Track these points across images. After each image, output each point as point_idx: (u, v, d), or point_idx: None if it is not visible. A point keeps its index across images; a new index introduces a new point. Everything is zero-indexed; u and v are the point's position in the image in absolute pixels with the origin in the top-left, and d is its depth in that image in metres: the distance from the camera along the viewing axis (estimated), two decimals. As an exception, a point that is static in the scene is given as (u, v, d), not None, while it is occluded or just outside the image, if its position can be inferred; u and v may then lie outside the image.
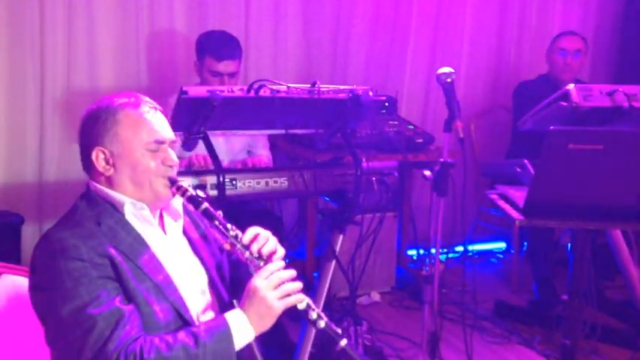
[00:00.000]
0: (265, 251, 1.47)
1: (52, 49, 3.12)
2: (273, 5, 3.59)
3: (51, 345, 1.42)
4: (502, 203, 1.73)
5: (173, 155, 1.51)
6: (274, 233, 1.74)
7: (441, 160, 1.80)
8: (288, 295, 1.41)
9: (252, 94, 2.07)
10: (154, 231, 1.51)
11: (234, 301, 1.46)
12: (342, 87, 2.21)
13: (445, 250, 3.92)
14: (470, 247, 4.00)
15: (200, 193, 1.51)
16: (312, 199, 3.08)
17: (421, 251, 3.73)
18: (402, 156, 3.03)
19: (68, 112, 3.23)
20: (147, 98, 1.54)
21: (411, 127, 3.43)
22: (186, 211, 1.61)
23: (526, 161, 2.73)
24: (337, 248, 2.37)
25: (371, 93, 2.23)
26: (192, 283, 1.52)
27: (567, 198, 1.56)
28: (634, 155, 1.47)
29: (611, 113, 2.42)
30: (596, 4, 4.36)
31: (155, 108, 1.53)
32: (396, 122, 3.39)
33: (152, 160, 1.47)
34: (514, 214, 1.65)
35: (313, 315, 1.43)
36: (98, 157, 1.46)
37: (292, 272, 1.44)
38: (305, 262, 3.40)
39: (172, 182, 1.48)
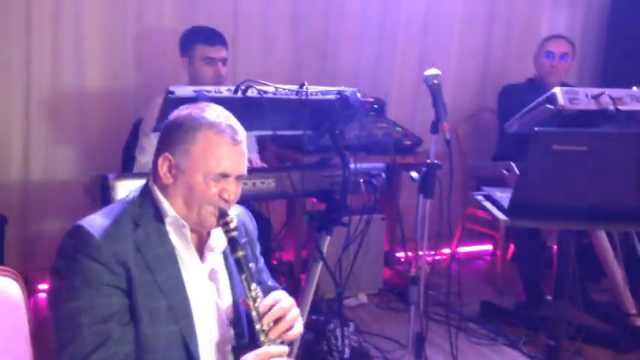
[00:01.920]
0: (277, 330, 1.42)
1: (39, 49, 3.12)
2: (263, 4, 3.59)
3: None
4: (488, 204, 1.74)
5: (233, 190, 1.45)
6: (261, 234, 1.73)
7: (428, 161, 1.80)
8: None
9: (239, 94, 2.07)
10: (189, 252, 1.47)
11: None
12: (330, 88, 2.21)
13: (432, 253, 3.96)
14: (457, 249, 4.01)
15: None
16: (299, 201, 3.08)
17: (409, 253, 3.73)
18: (390, 158, 3.03)
19: (55, 112, 3.22)
20: (238, 127, 1.46)
21: (400, 129, 3.44)
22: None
23: (512, 163, 2.76)
24: (324, 249, 2.37)
25: (359, 94, 2.24)
26: (209, 314, 1.48)
27: (552, 199, 1.57)
28: (618, 156, 1.49)
29: (596, 116, 2.45)
30: (583, 8, 4.40)
31: (238, 141, 1.45)
32: (384, 124, 3.40)
33: (212, 187, 1.43)
34: (499, 215, 1.66)
35: None
36: (163, 163, 1.44)
37: None
38: (292, 264, 3.40)
39: (222, 215, 1.44)
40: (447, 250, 3.96)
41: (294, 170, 2.26)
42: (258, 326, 1.41)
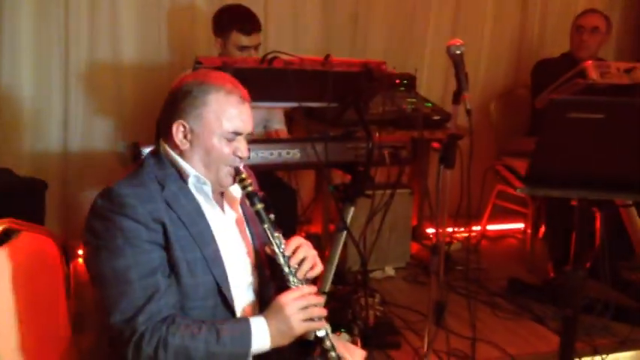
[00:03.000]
0: (302, 270, 1.53)
1: (76, 23, 3.22)
2: (294, -19, 3.61)
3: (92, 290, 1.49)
4: (506, 173, 1.75)
5: (245, 148, 1.55)
6: (288, 205, 1.79)
7: (449, 132, 1.82)
8: (312, 319, 1.47)
9: (265, 65, 2.12)
10: (211, 206, 1.56)
11: None
12: (355, 60, 2.24)
13: (462, 229, 3.96)
14: (488, 227, 3.99)
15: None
16: (326, 173, 3.11)
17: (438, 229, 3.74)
18: (418, 132, 3.03)
19: (91, 84, 3.33)
20: (242, 87, 1.55)
21: (429, 104, 3.43)
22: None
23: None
24: (348, 220, 2.41)
25: (385, 67, 2.26)
26: (238, 262, 1.58)
27: (569, 167, 1.57)
28: (636, 125, 1.47)
29: (626, 90, 2.41)
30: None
31: (245, 99, 1.55)
32: (414, 100, 3.40)
33: (226, 147, 1.52)
34: (516, 182, 1.67)
35: (327, 344, 1.50)
36: (178, 130, 1.51)
37: (321, 299, 1.49)
38: (320, 237, 3.44)
39: (237, 173, 1.54)
40: (477, 227, 3.95)
41: (319, 141, 2.30)
42: (286, 269, 1.51)
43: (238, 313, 1.54)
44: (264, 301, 1.60)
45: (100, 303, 1.44)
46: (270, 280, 1.64)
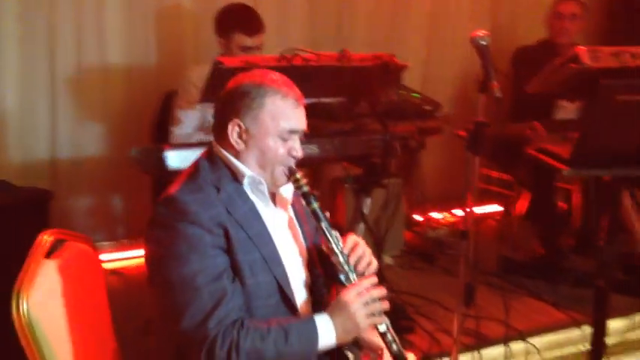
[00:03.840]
0: (361, 266, 1.56)
1: (62, 27, 3.16)
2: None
3: (156, 298, 1.49)
4: (544, 157, 1.85)
5: (299, 147, 1.57)
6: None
7: (476, 120, 1.90)
8: (374, 314, 1.49)
9: (284, 62, 2.14)
10: (266, 205, 1.57)
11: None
12: (367, 54, 2.29)
13: (446, 214, 4.09)
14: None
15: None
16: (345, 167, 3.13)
17: (429, 214, 3.87)
18: (413, 123, 3.11)
19: (79, 89, 3.27)
20: (296, 89, 1.57)
21: (417, 95, 3.51)
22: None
23: (536, 123, 2.87)
24: (366, 211, 2.47)
25: (396, 60, 2.32)
26: (293, 259, 1.60)
27: (615, 148, 1.67)
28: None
29: (617, 73, 2.55)
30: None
31: (300, 101, 1.57)
32: (402, 91, 3.47)
33: (281, 147, 1.53)
34: (561, 166, 1.76)
35: (389, 337, 1.53)
36: (233, 130, 1.52)
37: (383, 291, 1.50)
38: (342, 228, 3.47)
39: (291, 173, 1.56)
40: (460, 211, 4.09)
41: (336, 136, 2.35)
42: (346, 266, 1.53)
43: (299, 309, 1.57)
44: (316, 298, 1.63)
45: (167, 310, 1.45)
46: (322, 276, 1.67)
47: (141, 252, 3.44)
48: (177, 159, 2.15)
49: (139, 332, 2.49)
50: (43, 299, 1.45)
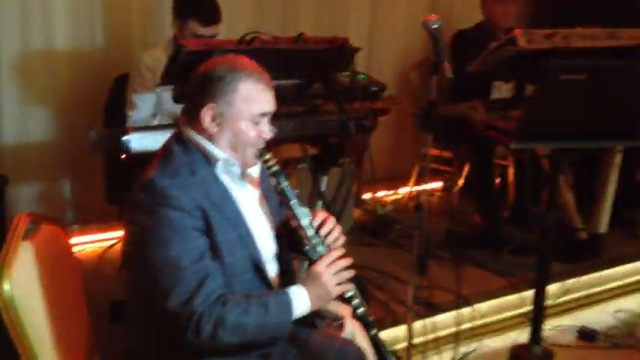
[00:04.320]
0: (330, 239, 1.66)
1: (6, 11, 3.08)
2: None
3: (135, 279, 1.56)
4: (493, 133, 2.00)
5: (269, 130, 1.63)
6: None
7: (429, 98, 2.02)
8: (343, 282, 1.60)
9: (244, 45, 2.20)
10: (237, 185, 1.64)
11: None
12: (323, 37, 2.37)
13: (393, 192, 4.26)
14: (414, 188, 4.31)
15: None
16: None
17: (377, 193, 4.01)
18: (363, 104, 3.22)
19: (25, 74, 3.20)
20: (265, 73, 1.62)
21: (363, 76, 3.62)
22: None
23: (478, 102, 3.05)
24: (323, 189, 2.57)
25: (351, 42, 2.42)
26: (265, 235, 1.68)
27: (556, 124, 1.84)
28: (611, 83, 1.77)
29: (549, 54, 2.75)
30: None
31: (269, 84, 1.62)
32: (349, 73, 3.57)
33: (252, 130, 1.60)
34: (508, 140, 1.92)
35: (356, 302, 1.64)
36: (207, 114, 1.57)
37: (349, 261, 1.61)
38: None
39: (261, 154, 1.63)
40: (405, 189, 4.27)
41: (293, 116, 2.43)
42: (316, 239, 1.64)
43: (270, 281, 1.66)
44: (283, 269, 1.73)
45: (153, 291, 1.50)
46: (288, 249, 1.76)
47: (91, 237, 3.46)
48: (139, 142, 2.17)
49: (103, 317, 2.51)
50: (24, 280, 1.48)
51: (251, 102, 1.58)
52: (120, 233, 3.29)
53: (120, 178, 2.58)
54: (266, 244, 1.69)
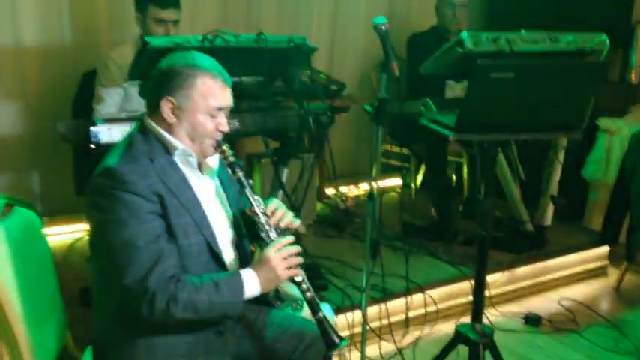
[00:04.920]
0: (282, 224, 1.78)
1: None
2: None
3: (96, 259, 1.66)
4: (435, 125, 2.17)
5: (226, 123, 1.74)
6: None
7: (379, 96, 2.18)
8: (292, 267, 1.71)
9: (208, 43, 2.33)
10: (195, 174, 1.75)
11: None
12: (282, 36, 2.51)
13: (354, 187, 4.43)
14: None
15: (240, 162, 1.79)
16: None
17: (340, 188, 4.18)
18: (322, 102, 3.37)
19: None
20: (223, 69, 1.73)
21: (324, 75, 3.78)
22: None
23: (429, 99, 3.22)
24: (284, 179, 2.72)
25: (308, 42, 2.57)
26: (221, 221, 1.79)
27: (489, 117, 2.03)
28: (537, 80, 1.97)
29: (494, 56, 2.93)
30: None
31: (227, 82, 1.73)
32: (309, 72, 3.72)
33: (210, 122, 1.71)
34: (448, 132, 2.10)
35: (304, 286, 1.74)
36: (166, 106, 1.68)
37: (298, 248, 1.74)
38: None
39: (218, 145, 1.74)
40: (366, 184, 4.45)
41: (256, 112, 2.57)
42: (267, 226, 1.76)
43: (227, 265, 1.77)
44: (242, 254, 1.85)
45: (111, 269, 1.61)
46: (246, 236, 1.88)
47: (60, 229, 3.53)
48: (107, 133, 2.28)
49: (74, 302, 2.61)
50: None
51: (208, 97, 1.68)
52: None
53: (88, 170, 2.66)
54: (222, 230, 1.79)
